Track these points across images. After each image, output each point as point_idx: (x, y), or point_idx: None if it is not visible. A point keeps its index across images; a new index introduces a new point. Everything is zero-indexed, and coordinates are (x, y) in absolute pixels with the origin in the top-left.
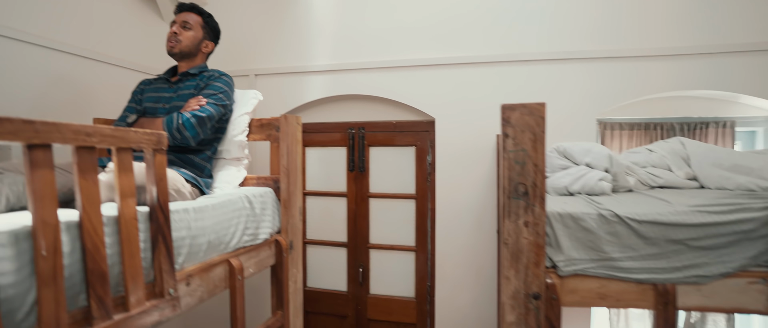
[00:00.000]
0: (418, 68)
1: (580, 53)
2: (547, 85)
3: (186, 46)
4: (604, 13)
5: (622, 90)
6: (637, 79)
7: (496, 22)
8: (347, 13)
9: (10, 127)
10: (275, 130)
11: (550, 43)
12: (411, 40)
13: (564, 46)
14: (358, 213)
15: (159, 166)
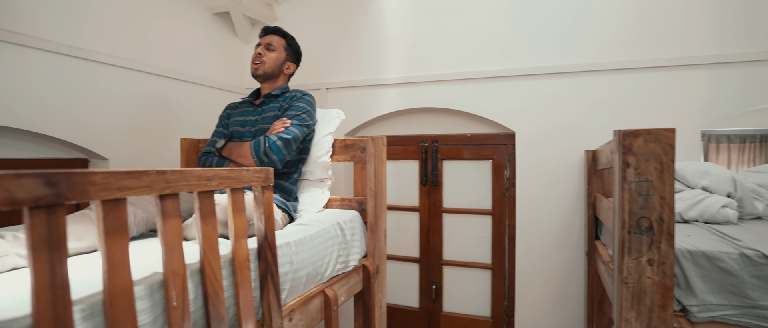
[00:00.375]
0: (496, 79)
1: (683, 59)
2: (642, 96)
3: (269, 67)
4: (708, 14)
5: (733, 98)
6: (751, 86)
7: (581, 28)
8: (420, 24)
9: (147, 179)
10: (360, 151)
11: (645, 50)
12: (488, 50)
13: (661, 52)
14: (431, 228)
15: (267, 202)
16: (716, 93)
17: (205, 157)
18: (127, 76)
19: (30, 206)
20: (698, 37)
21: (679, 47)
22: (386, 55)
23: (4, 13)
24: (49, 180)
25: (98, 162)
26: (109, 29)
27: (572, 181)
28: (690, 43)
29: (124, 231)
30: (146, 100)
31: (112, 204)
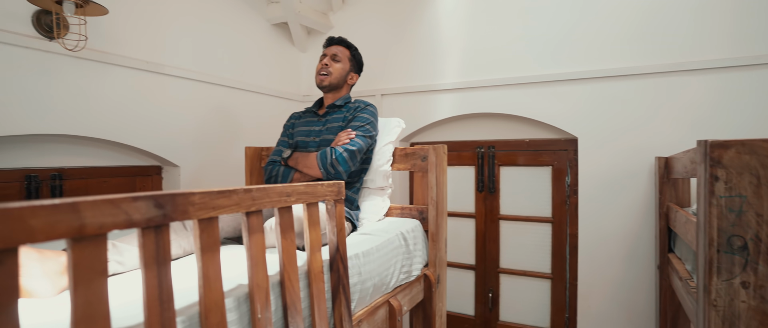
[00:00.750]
0: (557, 83)
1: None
2: (722, 98)
3: (335, 78)
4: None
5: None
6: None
7: (653, 27)
8: (476, 29)
9: (236, 198)
10: (421, 159)
11: (727, 47)
12: (548, 53)
13: (748, 48)
14: (487, 235)
15: (339, 216)
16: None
17: (272, 166)
18: (195, 87)
19: (142, 226)
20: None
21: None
22: (441, 61)
23: (99, 36)
24: (158, 202)
25: (170, 169)
26: (179, 44)
27: (641, 189)
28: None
29: (216, 247)
30: (212, 109)
31: (207, 222)
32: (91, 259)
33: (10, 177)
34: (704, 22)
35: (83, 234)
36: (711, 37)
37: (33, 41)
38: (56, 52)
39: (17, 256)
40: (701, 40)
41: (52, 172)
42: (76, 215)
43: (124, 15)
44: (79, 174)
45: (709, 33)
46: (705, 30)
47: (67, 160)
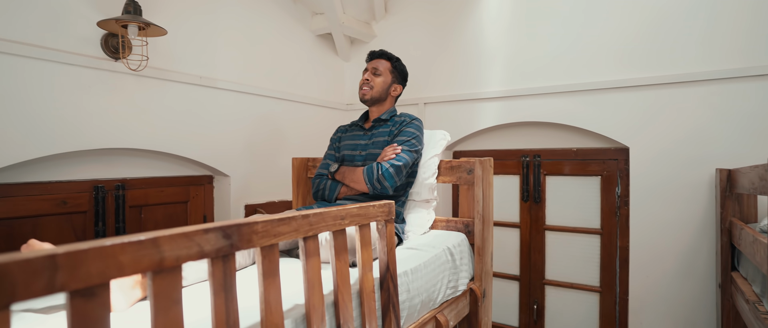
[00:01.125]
0: (608, 91)
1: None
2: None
3: (377, 92)
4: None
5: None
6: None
7: (712, 29)
8: (521, 36)
9: (295, 224)
10: (466, 172)
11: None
12: (598, 60)
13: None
14: (532, 246)
15: (390, 235)
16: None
17: (319, 179)
18: (243, 99)
19: (212, 257)
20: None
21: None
22: (485, 69)
23: (157, 55)
24: (226, 232)
25: (221, 178)
26: (229, 59)
27: (699, 202)
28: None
29: (276, 272)
30: (259, 120)
31: (268, 249)
32: (169, 289)
33: (81, 188)
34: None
35: (163, 267)
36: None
37: (101, 62)
38: (121, 71)
39: (109, 288)
40: (761, 43)
41: (117, 182)
42: (157, 250)
43: (179, 34)
44: (139, 184)
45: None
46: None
47: (129, 172)
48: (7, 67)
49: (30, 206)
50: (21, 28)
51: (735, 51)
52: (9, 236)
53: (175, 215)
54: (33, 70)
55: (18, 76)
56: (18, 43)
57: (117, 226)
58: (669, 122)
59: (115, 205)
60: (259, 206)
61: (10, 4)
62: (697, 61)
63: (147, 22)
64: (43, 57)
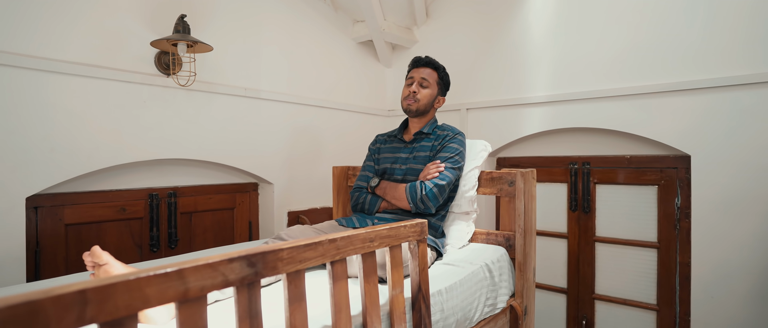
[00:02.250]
0: (664, 94)
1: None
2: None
3: (423, 104)
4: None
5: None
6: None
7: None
8: (568, 37)
9: (321, 249)
10: (508, 184)
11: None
12: (654, 62)
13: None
14: (581, 258)
15: (422, 255)
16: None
17: (359, 192)
18: (286, 108)
19: (237, 285)
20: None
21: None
22: (531, 72)
23: (205, 69)
24: (250, 261)
25: (265, 186)
26: (272, 70)
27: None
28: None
29: (303, 298)
30: (302, 129)
31: (294, 275)
32: (195, 318)
33: (137, 196)
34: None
35: (188, 297)
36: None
37: (155, 79)
38: (172, 86)
39: (137, 318)
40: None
41: (169, 190)
42: (182, 281)
43: (225, 48)
44: (189, 192)
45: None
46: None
47: (180, 180)
48: (76, 88)
49: (95, 212)
50: (87, 51)
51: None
52: (78, 240)
53: (223, 221)
54: (97, 89)
55: (85, 95)
56: (85, 65)
57: (169, 231)
58: (738, 128)
59: (167, 211)
60: (302, 213)
61: (78, 32)
62: (759, 63)
63: (195, 39)
64: (105, 76)
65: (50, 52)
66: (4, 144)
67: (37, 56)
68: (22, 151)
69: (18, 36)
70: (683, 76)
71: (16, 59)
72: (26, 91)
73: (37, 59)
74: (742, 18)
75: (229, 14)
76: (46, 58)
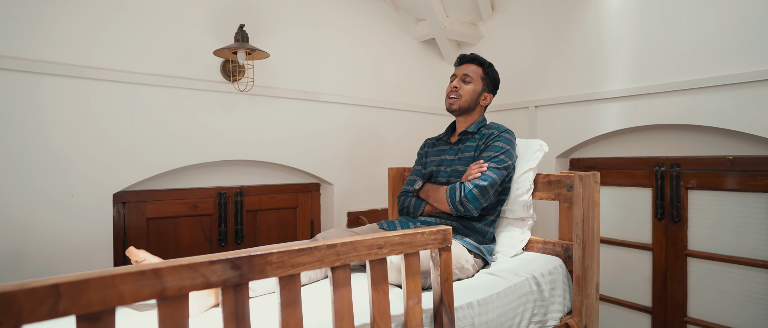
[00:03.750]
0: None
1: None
2: None
3: (465, 101)
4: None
5: None
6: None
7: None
8: (653, 21)
9: (318, 254)
10: (566, 189)
11: None
12: (760, 43)
13: None
14: (669, 274)
15: (445, 265)
16: None
17: (404, 196)
18: (346, 110)
19: (222, 286)
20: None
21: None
22: (607, 64)
23: (265, 75)
24: (235, 264)
25: (326, 186)
26: (332, 73)
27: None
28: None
29: (297, 302)
30: (362, 130)
31: (288, 280)
32: (174, 316)
33: (207, 194)
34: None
35: (165, 296)
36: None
37: (220, 85)
38: (235, 92)
39: (114, 315)
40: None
41: (236, 189)
42: (159, 280)
43: (285, 53)
44: (254, 191)
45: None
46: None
47: (246, 180)
48: (153, 96)
49: (170, 208)
50: (163, 64)
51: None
52: (157, 232)
53: (286, 220)
54: (170, 96)
55: (160, 103)
56: (160, 75)
57: (236, 228)
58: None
59: (234, 209)
60: (361, 214)
61: (156, 47)
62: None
63: (252, 47)
64: (177, 85)
65: (133, 66)
66: (95, 148)
67: (122, 70)
68: (110, 154)
69: (104, 54)
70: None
71: (105, 74)
72: (113, 101)
73: (122, 73)
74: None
75: (289, 20)
76: (129, 71)
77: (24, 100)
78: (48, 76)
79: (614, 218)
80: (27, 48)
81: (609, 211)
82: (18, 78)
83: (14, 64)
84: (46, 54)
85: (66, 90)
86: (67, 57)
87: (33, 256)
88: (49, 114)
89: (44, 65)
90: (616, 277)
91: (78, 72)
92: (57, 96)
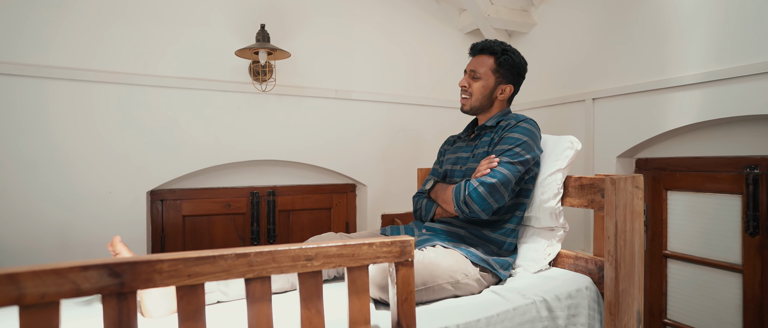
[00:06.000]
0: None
1: None
2: None
3: (477, 100)
4: None
5: None
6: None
7: None
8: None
9: (224, 264)
10: (600, 195)
11: None
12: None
13: None
14: (767, 304)
15: (403, 282)
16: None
17: (418, 197)
18: (380, 108)
19: (102, 294)
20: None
21: None
22: (678, 45)
23: (294, 74)
24: (114, 271)
25: (361, 188)
26: (365, 70)
27: None
28: None
29: (200, 316)
30: (397, 129)
31: (189, 289)
32: (39, 325)
33: (240, 193)
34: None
35: (24, 303)
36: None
37: (247, 86)
38: (265, 92)
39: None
40: None
41: (269, 189)
42: (14, 286)
43: (315, 52)
44: (287, 191)
45: None
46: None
47: (278, 180)
48: (183, 99)
49: (205, 206)
50: (192, 67)
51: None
52: (193, 229)
53: (319, 221)
54: (201, 98)
55: (189, 105)
56: (190, 78)
57: (269, 227)
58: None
59: (267, 209)
60: (397, 216)
61: (184, 49)
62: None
63: (273, 47)
64: (206, 88)
65: (163, 70)
66: (130, 148)
67: (153, 75)
68: (143, 154)
69: (141, 61)
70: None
71: (138, 79)
72: (144, 104)
73: (153, 77)
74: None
75: (319, 18)
76: (160, 75)
77: (72, 106)
78: (94, 84)
79: (692, 230)
80: (80, 59)
81: (685, 221)
82: (70, 86)
83: (67, 74)
84: (95, 64)
85: (107, 96)
86: (109, 65)
87: (77, 247)
88: (93, 118)
89: (90, 73)
90: (694, 302)
91: (116, 78)
92: (99, 102)
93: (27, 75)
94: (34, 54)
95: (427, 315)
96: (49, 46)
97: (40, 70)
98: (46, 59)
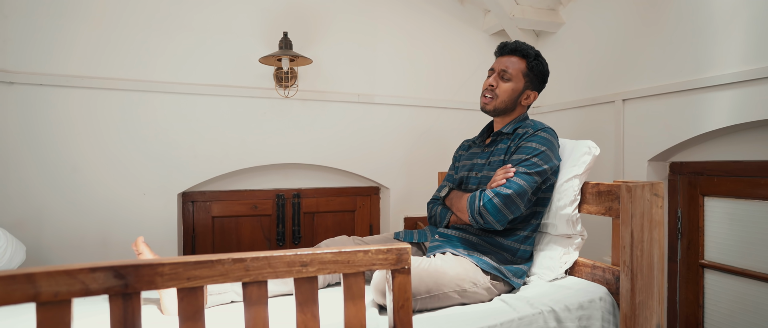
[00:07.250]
0: None
1: None
2: None
3: (502, 101)
4: None
5: None
6: None
7: None
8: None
9: (221, 268)
10: (618, 202)
11: None
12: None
13: None
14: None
15: (400, 289)
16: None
17: (432, 204)
18: (403, 112)
19: (109, 294)
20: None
21: None
22: (715, 42)
23: (317, 79)
24: (118, 273)
25: (385, 191)
26: (388, 74)
27: None
28: None
29: (199, 318)
30: (420, 131)
31: (189, 292)
32: (54, 322)
33: (266, 195)
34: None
35: (40, 301)
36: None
37: (271, 92)
38: (289, 97)
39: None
40: None
41: (294, 192)
42: (31, 285)
43: (337, 57)
44: (311, 194)
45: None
46: None
47: (303, 183)
48: (210, 105)
49: (233, 208)
50: (220, 75)
51: None
52: (222, 229)
53: (343, 223)
54: (228, 104)
55: (217, 111)
56: (218, 85)
57: (294, 229)
58: None
59: (292, 211)
60: (419, 219)
61: (211, 58)
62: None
63: (295, 54)
64: (232, 94)
65: (194, 78)
66: (162, 152)
67: (185, 83)
68: (174, 158)
69: (172, 69)
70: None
71: (171, 87)
72: (176, 111)
73: (184, 85)
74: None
75: (342, 24)
76: (191, 83)
77: (115, 114)
78: (133, 93)
79: (731, 239)
80: (126, 71)
81: (723, 229)
82: (115, 96)
83: (113, 85)
84: (135, 74)
85: (144, 104)
86: (147, 75)
87: (116, 245)
88: (130, 124)
89: (131, 83)
90: (734, 316)
91: (152, 87)
92: (137, 110)
93: (77, 86)
94: (85, 66)
95: (429, 322)
96: (98, 59)
97: (92, 81)
98: (96, 71)
